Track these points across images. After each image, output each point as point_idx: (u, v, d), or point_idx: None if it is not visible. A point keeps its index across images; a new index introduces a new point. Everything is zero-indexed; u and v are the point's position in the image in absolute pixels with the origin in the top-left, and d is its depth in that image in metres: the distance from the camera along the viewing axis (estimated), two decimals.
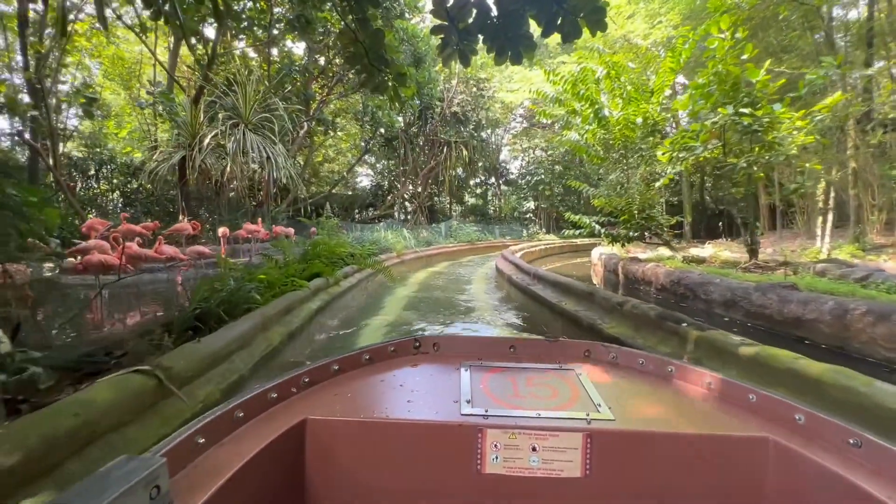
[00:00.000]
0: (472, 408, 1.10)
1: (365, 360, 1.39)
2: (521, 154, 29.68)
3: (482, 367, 1.36)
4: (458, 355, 1.46)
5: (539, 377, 1.30)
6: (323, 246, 5.85)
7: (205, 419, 0.93)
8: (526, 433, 1.02)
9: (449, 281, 9.64)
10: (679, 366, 1.30)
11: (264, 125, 12.01)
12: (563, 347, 1.48)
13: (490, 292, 8.21)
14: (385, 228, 13.67)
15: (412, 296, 7.45)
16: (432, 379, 1.30)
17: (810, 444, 0.95)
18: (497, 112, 23.66)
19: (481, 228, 22.50)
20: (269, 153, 11.55)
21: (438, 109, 20.71)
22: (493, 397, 1.16)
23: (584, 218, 9.26)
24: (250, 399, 1.05)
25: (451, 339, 1.53)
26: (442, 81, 20.17)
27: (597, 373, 1.34)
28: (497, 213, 30.95)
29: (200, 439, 0.89)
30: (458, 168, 24.28)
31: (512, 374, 1.32)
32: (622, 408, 1.11)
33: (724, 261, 8.29)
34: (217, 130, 10.84)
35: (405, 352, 1.48)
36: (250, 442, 0.93)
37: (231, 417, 0.99)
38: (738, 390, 1.14)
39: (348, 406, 1.12)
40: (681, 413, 1.11)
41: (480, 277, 10.48)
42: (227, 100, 11.94)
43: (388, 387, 1.25)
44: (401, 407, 1.12)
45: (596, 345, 1.47)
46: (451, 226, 20.20)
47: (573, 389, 1.22)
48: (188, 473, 0.83)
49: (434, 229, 18.85)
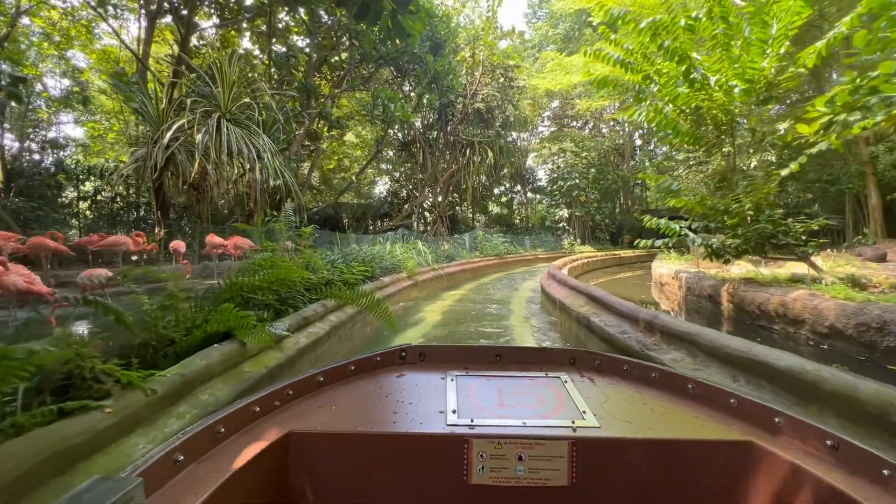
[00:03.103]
0: (459, 418, 1.08)
1: (350, 372, 1.36)
2: (552, 158, 26.98)
3: (468, 377, 1.33)
4: (444, 365, 1.42)
5: (525, 385, 1.28)
6: (269, 271, 3.36)
7: (184, 436, 0.90)
8: (512, 443, 1.01)
9: (480, 320, 6.98)
10: (663, 371, 1.28)
11: (249, 116, 9.81)
12: (549, 355, 1.44)
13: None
14: (394, 240, 11.11)
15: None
16: (418, 389, 1.27)
17: (790, 447, 0.96)
18: (526, 109, 21.05)
19: (510, 240, 19.79)
20: (254, 147, 9.30)
21: (460, 106, 18.30)
22: (479, 407, 1.15)
23: (670, 223, 6.52)
24: (232, 414, 1.02)
25: (437, 348, 1.48)
26: (464, 73, 17.76)
27: (582, 380, 1.32)
28: (524, 223, 28.24)
29: (179, 457, 0.86)
30: (481, 174, 21.78)
31: (498, 383, 1.29)
32: (607, 415, 1.10)
33: None
34: (184, 120, 8.62)
35: (391, 362, 1.45)
36: (232, 458, 0.92)
37: (212, 433, 0.96)
38: (720, 395, 1.14)
39: (333, 418, 1.10)
40: (665, 419, 1.09)
41: (522, 308, 7.81)
42: (206, 88, 9.80)
43: (373, 398, 1.23)
44: (386, 419, 1.10)
45: (581, 351, 1.43)
46: (475, 237, 17.58)
47: (559, 397, 1.20)
48: (166, 492, 0.80)
49: (457, 241, 16.27)
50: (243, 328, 2.46)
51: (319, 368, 1.29)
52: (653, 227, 6.48)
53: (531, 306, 7.68)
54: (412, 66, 15.43)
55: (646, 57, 6.82)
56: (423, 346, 1.49)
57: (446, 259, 11.99)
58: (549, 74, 17.08)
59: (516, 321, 6.20)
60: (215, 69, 9.57)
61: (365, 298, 3.67)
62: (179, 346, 2.28)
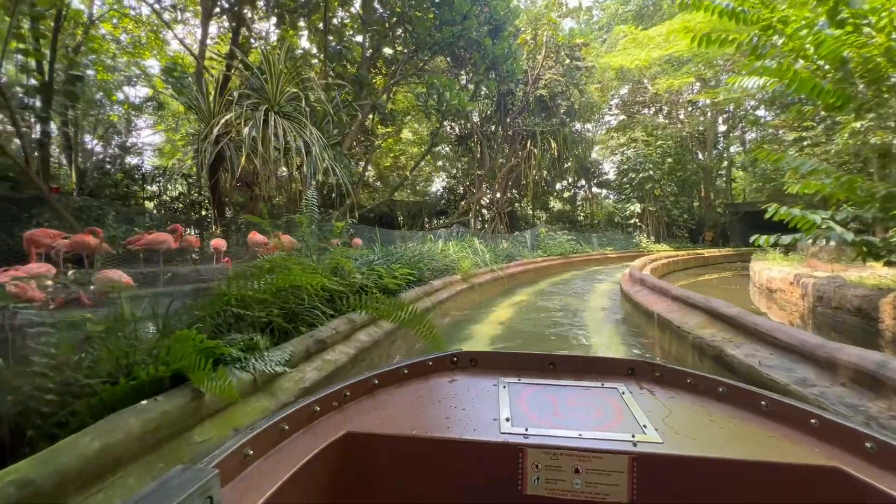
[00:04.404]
0: (513, 426, 1.07)
1: (403, 375, 1.37)
2: (620, 149, 24.72)
3: (521, 384, 1.32)
4: (495, 371, 1.42)
5: (580, 395, 1.25)
6: (271, 278, 2.51)
7: (253, 431, 0.94)
8: (568, 454, 0.99)
9: (546, 339, 5.76)
10: (732, 385, 1.21)
11: (298, 109, 9.34)
12: (605, 364, 1.40)
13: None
14: (446, 237, 10.13)
15: None
16: (470, 395, 1.27)
17: (885, 475, 0.88)
18: (593, 94, 19.22)
19: (576, 238, 18.13)
20: (305, 140, 8.78)
21: (520, 94, 16.97)
22: (533, 416, 1.13)
23: (807, 215, 4.93)
24: (295, 412, 1.05)
25: (488, 354, 1.48)
26: (525, 57, 16.41)
27: (642, 392, 1.26)
28: (588, 220, 26.21)
29: (249, 451, 0.90)
30: (542, 168, 20.27)
31: (552, 392, 1.27)
32: (670, 430, 1.05)
33: None
34: (231, 115, 8.25)
35: (442, 367, 1.45)
36: (295, 454, 0.95)
37: (277, 430, 1.00)
38: (799, 414, 1.06)
39: (388, 421, 1.11)
40: (735, 437, 1.03)
41: (599, 321, 6.55)
42: (256, 82, 9.47)
43: (426, 402, 1.23)
44: (439, 423, 1.10)
45: (640, 361, 1.37)
46: (538, 234, 16.19)
47: (617, 409, 1.16)
48: (237, 485, 0.84)
49: (517, 239, 14.99)
50: (200, 369, 1.57)
51: (374, 371, 1.32)
52: (783, 218, 4.94)
53: (611, 319, 6.36)
54: (469, 53, 14.41)
55: (764, 3, 5.34)
56: (475, 351, 1.47)
57: (506, 259, 10.83)
58: (622, 53, 15.25)
59: (597, 342, 4.97)
60: (264, 60, 9.20)
61: (401, 311, 2.72)
62: (97, 401, 1.43)
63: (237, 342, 2.05)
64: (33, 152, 8.62)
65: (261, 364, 1.93)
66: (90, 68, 11.96)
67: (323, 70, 13.28)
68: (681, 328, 3.33)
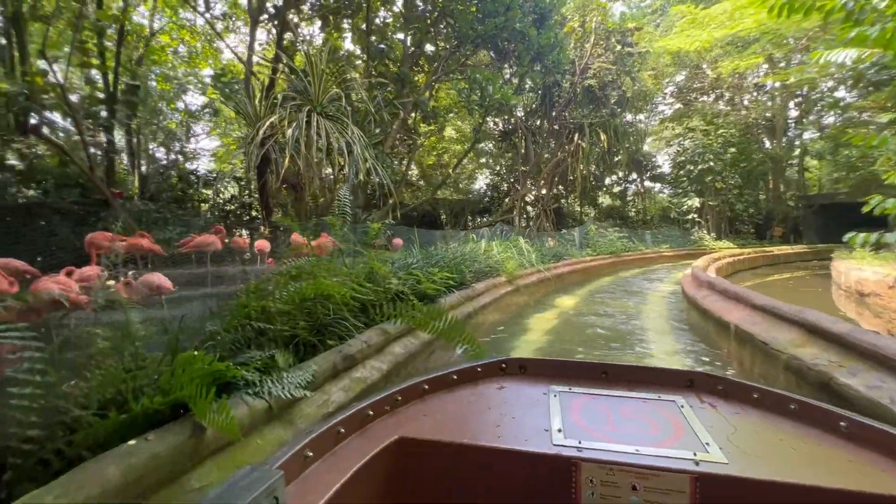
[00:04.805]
0: (565, 438, 1.04)
1: (452, 381, 1.36)
2: (676, 140, 23.14)
3: (572, 394, 1.29)
4: (545, 379, 1.39)
5: (636, 408, 1.19)
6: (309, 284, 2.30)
7: (312, 434, 0.96)
8: (625, 470, 0.94)
9: (598, 350, 5.28)
10: (805, 403, 1.12)
11: (339, 108, 9.33)
12: (662, 375, 1.34)
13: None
14: (490, 237, 9.74)
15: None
16: (520, 403, 1.25)
17: None
18: (647, 82, 18.03)
19: (628, 235, 17.11)
20: (347, 140, 8.75)
21: (567, 84, 16.20)
22: (586, 428, 1.09)
23: None
24: (349, 416, 1.07)
25: (538, 361, 1.45)
26: (572, 46, 15.63)
27: (703, 406, 1.20)
28: (640, 216, 24.79)
29: (309, 453, 0.93)
30: (591, 162, 19.30)
31: (605, 403, 1.22)
32: (736, 449, 0.98)
33: None
34: (275, 117, 8.35)
35: (491, 373, 1.43)
36: (350, 457, 0.97)
37: (334, 433, 1.02)
38: (885, 437, 0.96)
39: (439, 427, 1.11)
40: (811, 460, 0.95)
41: (660, 328, 5.98)
42: (300, 83, 9.55)
43: (476, 409, 1.22)
44: (490, 432, 1.09)
45: (700, 373, 1.32)
46: (586, 232, 15.40)
47: (676, 424, 1.10)
48: (298, 485, 0.87)
49: (564, 237, 14.32)
50: (201, 398, 1.35)
51: (424, 376, 1.31)
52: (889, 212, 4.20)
53: (673, 327, 5.75)
54: (513, 45, 13.91)
55: None
56: (524, 358, 1.44)
57: (553, 258, 10.30)
58: (679, 35, 14.13)
59: (656, 351, 4.44)
60: (307, 62, 9.26)
61: (438, 321, 2.46)
62: (85, 436, 1.25)
63: (255, 361, 1.84)
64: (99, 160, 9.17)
65: (277, 388, 1.71)
66: (152, 79, 12.65)
67: (366, 70, 13.31)
68: (768, 345, 2.80)
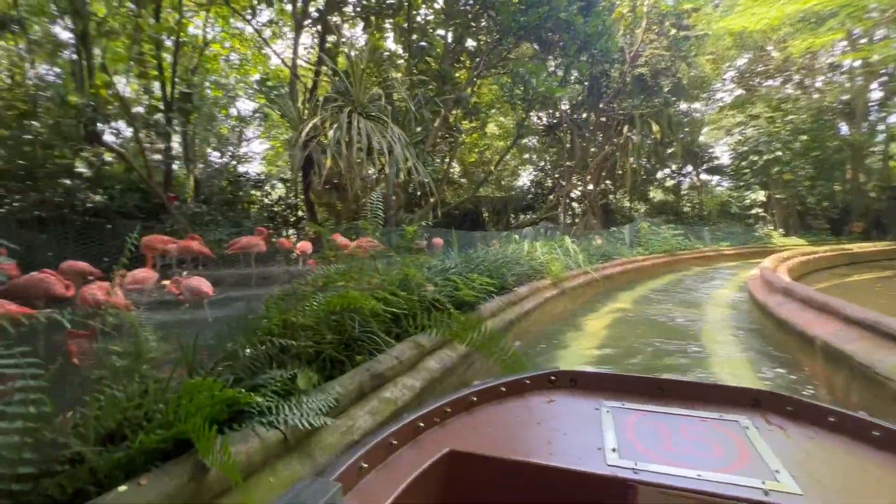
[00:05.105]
0: (620, 458, 0.99)
1: (501, 392, 1.33)
2: (738, 129, 21.42)
3: (626, 409, 1.21)
4: (596, 393, 1.32)
5: (696, 427, 1.11)
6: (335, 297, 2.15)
7: (366, 445, 0.97)
8: (687, 497, 0.87)
9: (657, 371, 4.82)
10: (892, 431, 0.99)
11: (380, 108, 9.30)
12: (723, 393, 1.25)
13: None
14: (533, 237, 9.31)
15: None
16: (571, 419, 1.20)
17: None
18: (705, 67, 16.74)
19: (683, 232, 16.03)
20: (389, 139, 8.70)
21: (616, 74, 15.37)
22: (642, 448, 1.03)
23: None
24: (401, 428, 1.07)
25: (589, 374, 1.40)
26: (621, 33, 14.80)
27: (770, 429, 1.11)
28: (696, 211, 23.24)
29: (363, 464, 0.93)
30: (641, 155, 18.25)
31: (662, 421, 1.15)
32: (809, 479, 0.89)
33: None
34: (317, 119, 8.43)
35: (541, 385, 1.39)
36: (403, 469, 0.97)
37: (386, 444, 1.02)
38: None
39: (488, 441, 1.10)
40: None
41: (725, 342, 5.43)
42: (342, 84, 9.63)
43: (525, 423, 1.20)
44: (541, 448, 1.07)
45: (766, 392, 1.21)
46: (637, 229, 14.56)
47: (740, 447, 1.02)
48: (353, 496, 0.88)
49: (613, 235, 13.59)
50: (204, 435, 1.21)
51: (472, 388, 1.28)
52: None
53: (737, 337, 5.17)
54: (557, 35, 13.34)
55: None
56: (574, 371, 1.39)
57: (601, 258, 9.74)
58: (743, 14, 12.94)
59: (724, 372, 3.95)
60: (348, 63, 9.30)
61: (474, 332, 2.27)
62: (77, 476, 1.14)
63: (274, 382, 1.69)
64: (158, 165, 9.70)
65: (294, 415, 1.54)
66: (205, 87, 13.27)
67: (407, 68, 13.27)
68: (872, 369, 2.34)
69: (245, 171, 13.65)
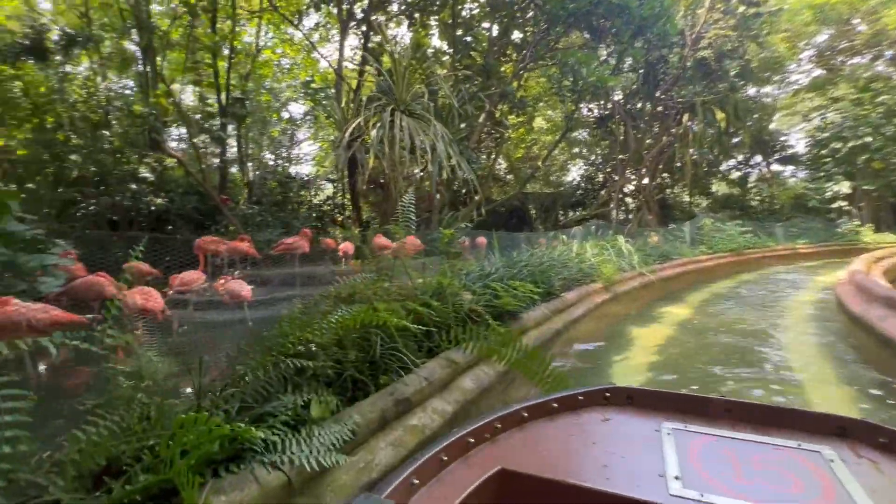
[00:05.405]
0: (684, 488, 0.91)
1: (553, 408, 1.28)
2: (818, 113, 19.33)
3: (689, 432, 1.12)
4: (655, 413, 1.23)
5: (769, 457, 1.01)
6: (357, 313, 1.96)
7: (417, 461, 0.97)
8: None
9: (718, 369, 4.23)
10: None
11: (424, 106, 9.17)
12: (802, 419, 1.12)
13: None
14: (583, 236, 8.74)
15: None
16: (628, 440, 1.13)
17: None
18: (778, 46, 15.17)
19: (752, 228, 14.66)
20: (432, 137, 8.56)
21: (675, 59, 14.29)
22: (708, 477, 0.95)
23: None
24: (451, 444, 1.06)
25: (647, 392, 1.30)
26: (682, 14, 13.72)
27: (860, 462, 0.98)
28: (766, 205, 21.28)
29: (415, 480, 0.92)
30: (703, 146, 16.89)
31: (730, 447, 1.05)
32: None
33: None
34: (360, 118, 8.43)
35: (595, 402, 1.31)
36: (454, 486, 0.95)
37: (437, 460, 1.01)
38: None
39: (540, 460, 1.06)
40: None
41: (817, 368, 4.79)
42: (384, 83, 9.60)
43: (579, 443, 1.15)
44: (596, 472, 1.01)
45: (853, 420, 1.08)
46: (700, 225, 13.47)
47: (824, 483, 0.91)
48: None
49: (672, 232, 12.63)
50: (190, 484, 1.05)
51: (524, 403, 1.23)
52: None
53: (825, 353, 4.50)
54: (609, 21, 12.57)
55: None
56: (631, 388, 1.30)
57: (658, 258, 9.04)
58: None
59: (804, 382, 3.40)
60: (391, 61, 9.24)
61: (510, 349, 2.04)
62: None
63: (284, 411, 1.53)
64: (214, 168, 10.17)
65: (303, 453, 1.36)
66: (260, 92, 13.80)
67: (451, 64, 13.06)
68: None
69: (295, 173, 14.06)
